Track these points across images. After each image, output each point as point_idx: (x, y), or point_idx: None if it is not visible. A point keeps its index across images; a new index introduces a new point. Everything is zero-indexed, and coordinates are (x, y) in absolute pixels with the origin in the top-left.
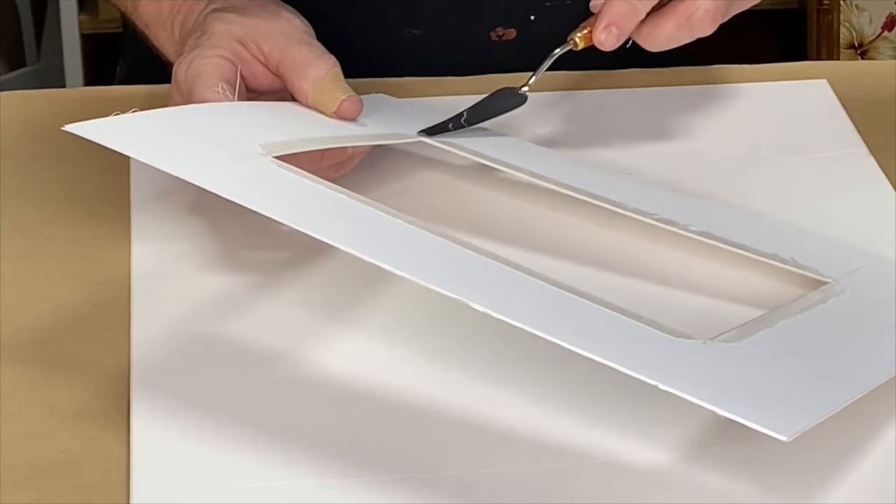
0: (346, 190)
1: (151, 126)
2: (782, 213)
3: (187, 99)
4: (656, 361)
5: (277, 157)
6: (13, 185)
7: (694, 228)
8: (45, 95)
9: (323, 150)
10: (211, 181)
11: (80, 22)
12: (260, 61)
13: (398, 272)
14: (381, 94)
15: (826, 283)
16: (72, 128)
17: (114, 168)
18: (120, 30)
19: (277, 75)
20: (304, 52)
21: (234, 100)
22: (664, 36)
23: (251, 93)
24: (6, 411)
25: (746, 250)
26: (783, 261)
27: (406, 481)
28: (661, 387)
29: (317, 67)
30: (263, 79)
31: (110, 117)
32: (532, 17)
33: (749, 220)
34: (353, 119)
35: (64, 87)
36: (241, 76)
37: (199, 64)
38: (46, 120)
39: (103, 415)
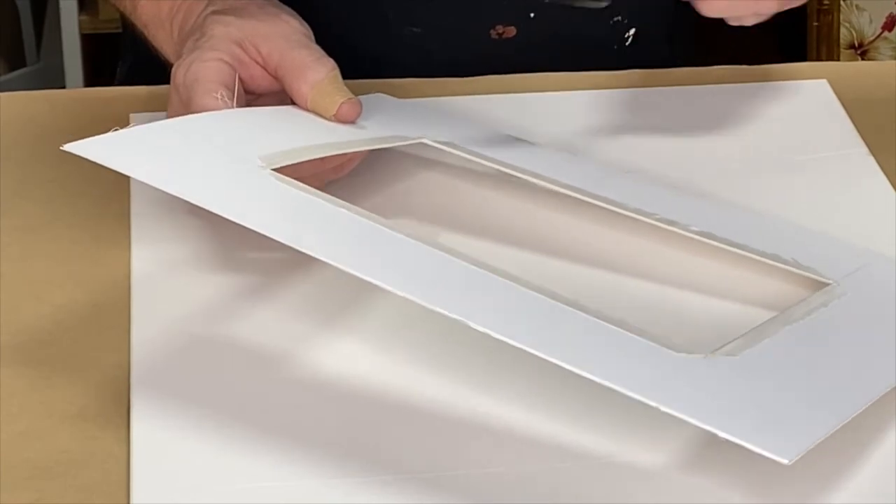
0: (347, 204)
1: (149, 142)
2: (782, 212)
3: (186, 103)
4: (655, 380)
5: (278, 169)
6: (13, 185)
7: (695, 228)
8: (45, 95)
9: None
10: (211, 201)
11: (80, 22)
12: (258, 63)
13: (401, 293)
14: (380, 94)
15: (827, 284)
16: (71, 147)
17: (114, 168)
18: (120, 30)
19: (276, 78)
20: (302, 55)
21: (232, 106)
22: (724, 5)
23: (249, 95)
24: (6, 411)
25: (747, 251)
26: (784, 261)
27: (407, 481)
28: (662, 409)
29: (315, 70)
30: (262, 81)
31: (109, 133)
32: (532, 15)
33: (750, 219)
34: (352, 122)
35: (64, 87)
36: (240, 79)
37: (198, 67)
38: (46, 120)
39: (103, 415)
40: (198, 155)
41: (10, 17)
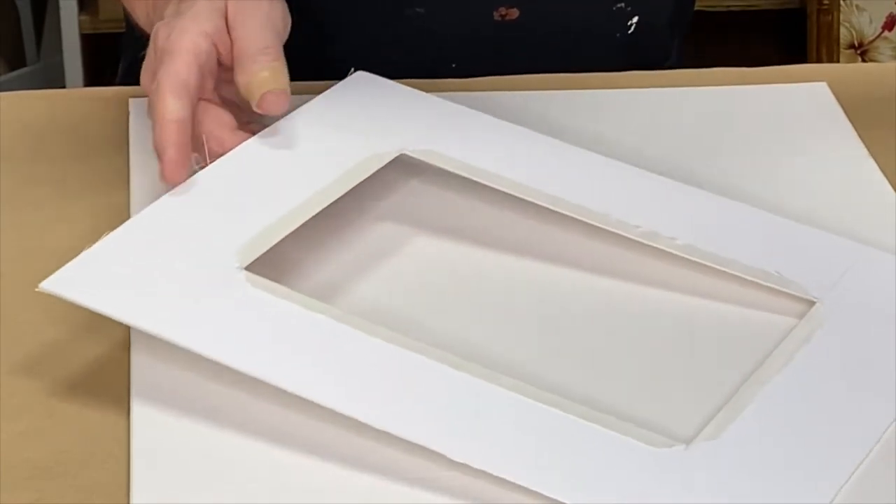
0: (328, 307)
1: (120, 267)
2: (782, 215)
3: (154, 69)
4: (633, 490)
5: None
6: (13, 185)
7: (679, 242)
8: (45, 95)
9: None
10: (188, 338)
11: (80, 22)
12: (230, 40)
13: (377, 427)
14: (360, 75)
15: (812, 303)
16: (46, 286)
17: (114, 168)
18: (119, 30)
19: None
20: (253, 46)
21: (201, 166)
22: None
23: (222, 66)
24: (6, 411)
25: (731, 266)
26: (769, 277)
27: (406, 480)
28: None
29: (258, 62)
30: (227, 58)
31: (83, 257)
32: None
33: (736, 218)
34: (276, 114)
35: (64, 87)
36: (217, 51)
37: (178, 36)
38: (46, 120)
39: (103, 415)
40: (168, 274)
41: (10, 17)
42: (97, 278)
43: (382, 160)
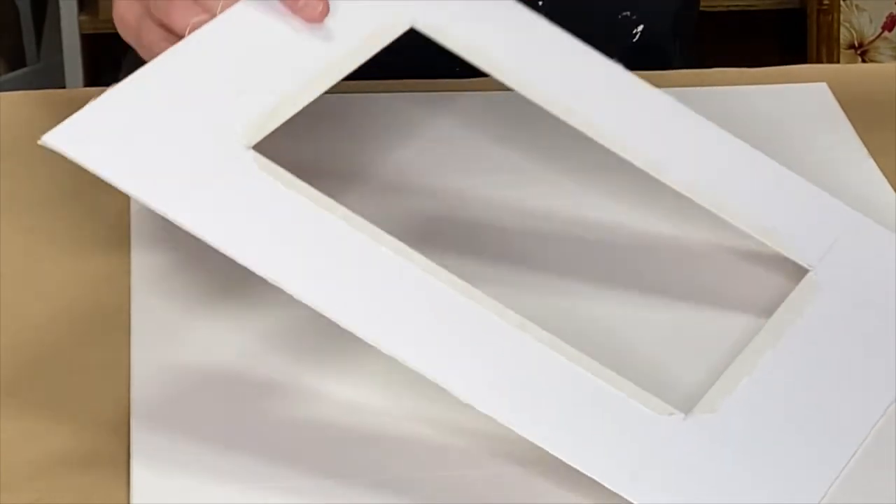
0: (334, 204)
1: (125, 124)
2: None
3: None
4: (632, 462)
5: (268, 133)
6: (13, 184)
7: (681, 178)
8: (45, 95)
9: None
10: (185, 217)
11: (80, 22)
12: None
13: (382, 348)
14: None
15: (805, 269)
16: (49, 141)
17: None
18: None
19: None
20: None
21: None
22: None
23: None
24: (6, 411)
25: (726, 212)
26: (765, 232)
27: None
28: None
29: None
30: None
31: (85, 111)
32: (540, 3)
33: (742, 166)
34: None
35: (64, 87)
36: None
37: None
38: (46, 120)
39: (103, 415)
40: (173, 142)
41: (10, 17)
42: (101, 137)
43: (393, 33)
